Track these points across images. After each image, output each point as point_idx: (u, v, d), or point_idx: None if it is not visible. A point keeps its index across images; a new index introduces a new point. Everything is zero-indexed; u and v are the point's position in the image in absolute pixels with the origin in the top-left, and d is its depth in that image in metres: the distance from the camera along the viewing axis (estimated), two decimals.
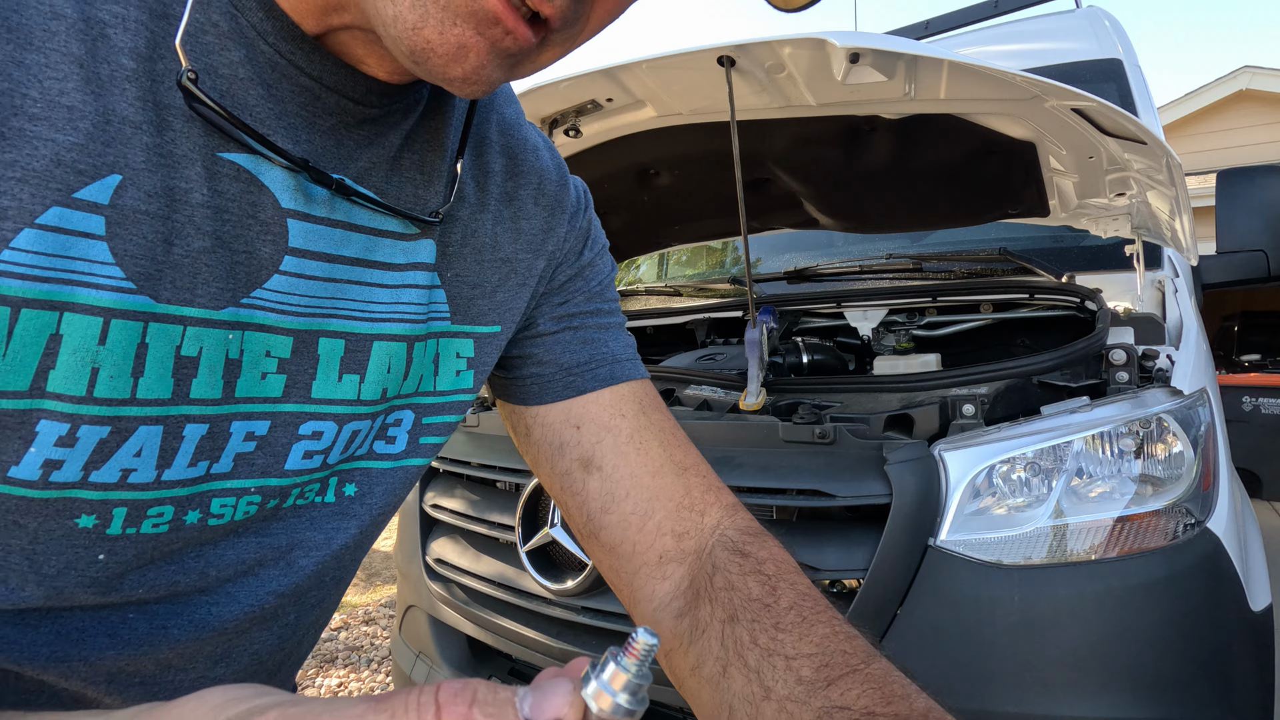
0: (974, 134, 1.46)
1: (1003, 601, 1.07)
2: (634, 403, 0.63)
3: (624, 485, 0.61)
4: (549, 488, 0.64)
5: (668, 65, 1.35)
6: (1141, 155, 1.34)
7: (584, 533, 0.64)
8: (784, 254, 2.46)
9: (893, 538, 1.11)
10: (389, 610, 4.11)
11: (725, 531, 0.59)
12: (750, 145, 1.57)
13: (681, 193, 1.91)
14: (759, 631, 0.50)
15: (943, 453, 1.16)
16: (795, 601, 0.52)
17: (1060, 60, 2.27)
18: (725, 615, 0.53)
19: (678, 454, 0.64)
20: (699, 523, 0.60)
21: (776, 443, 1.28)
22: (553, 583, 1.40)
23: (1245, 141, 8.24)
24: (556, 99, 1.49)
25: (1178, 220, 1.44)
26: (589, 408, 0.62)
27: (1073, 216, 1.69)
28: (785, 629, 0.50)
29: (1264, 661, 1.14)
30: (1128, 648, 1.04)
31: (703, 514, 0.61)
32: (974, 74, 1.25)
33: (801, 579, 0.54)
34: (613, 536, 0.61)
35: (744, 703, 0.49)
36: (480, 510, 1.64)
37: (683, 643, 0.56)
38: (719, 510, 0.61)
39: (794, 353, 1.79)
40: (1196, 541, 1.10)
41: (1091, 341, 1.30)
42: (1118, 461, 1.13)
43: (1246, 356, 6.85)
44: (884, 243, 2.22)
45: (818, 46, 1.20)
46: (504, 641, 1.53)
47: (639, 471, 0.61)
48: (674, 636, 0.57)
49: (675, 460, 0.63)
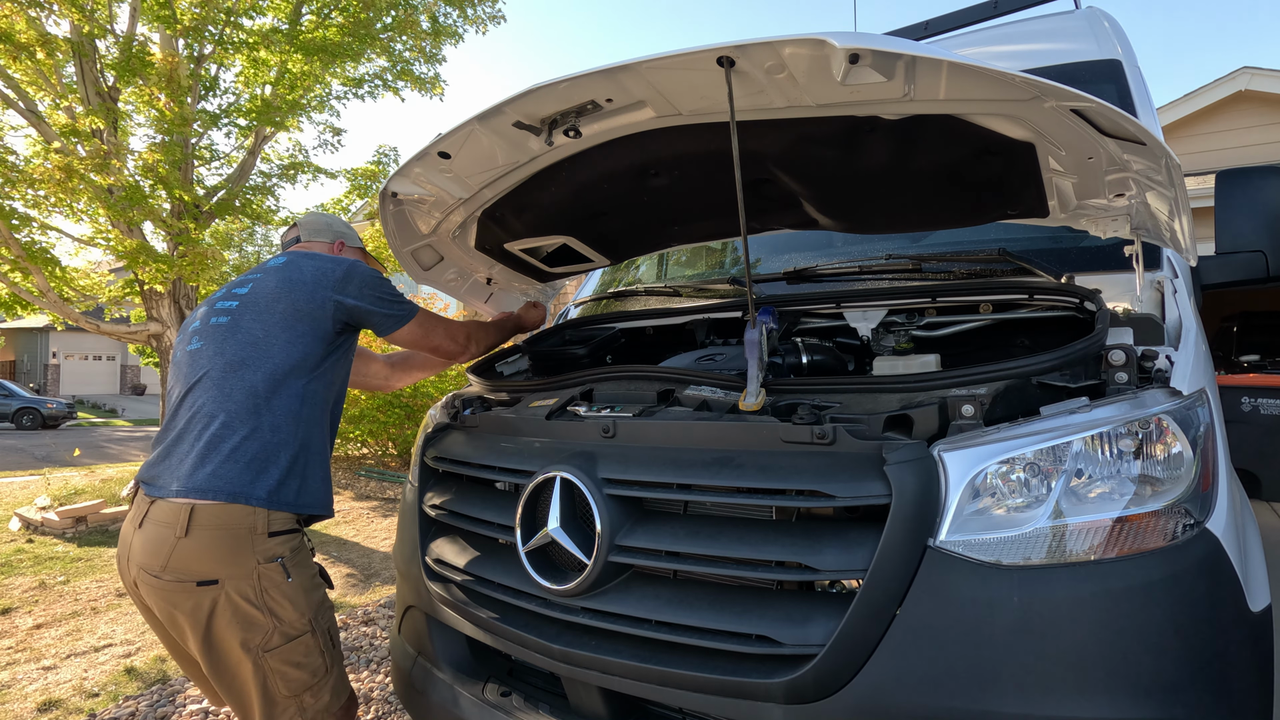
0: (973, 135, 1.46)
1: (1002, 602, 1.07)
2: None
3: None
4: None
5: (667, 66, 1.35)
6: (1140, 156, 1.34)
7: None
8: (784, 254, 2.46)
9: (892, 538, 1.11)
10: (388, 611, 4.11)
11: None
12: (750, 145, 1.57)
13: (681, 193, 1.90)
14: None
15: (942, 453, 1.16)
16: None
17: (1059, 61, 2.27)
18: None
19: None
20: None
21: (776, 443, 1.28)
22: (552, 583, 1.40)
23: (1244, 142, 8.24)
24: (556, 99, 1.49)
25: (1177, 221, 1.44)
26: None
27: (1072, 217, 1.69)
28: None
29: (1263, 662, 1.14)
30: (1127, 648, 1.04)
31: None
32: (973, 74, 1.25)
33: None
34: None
35: None
36: (480, 511, 1.64)
37: None
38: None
39: (793, 353, 1.78)
40: (1196, 542, 1.10)
41: (1091, 342, 1.30)
42: (1117, 462, 1.13)
43: (1246, 357, 6.86)
44: (884, 243, 2.22)
45: (817, 47, 1.20)
46: (503, 642, 1.52)
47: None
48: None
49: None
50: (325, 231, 2.02)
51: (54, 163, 7.17)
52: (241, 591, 1.51)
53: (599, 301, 2.74)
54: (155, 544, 1.51)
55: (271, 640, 1.53)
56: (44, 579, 4.80)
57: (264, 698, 1.54)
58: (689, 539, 1.28)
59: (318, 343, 1.67)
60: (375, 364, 2.27)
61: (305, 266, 1.73)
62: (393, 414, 8.50)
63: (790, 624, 1.17)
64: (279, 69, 8.88)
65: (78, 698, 3.06)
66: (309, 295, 1.67)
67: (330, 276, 1.71)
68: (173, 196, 8.38)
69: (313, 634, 1.60)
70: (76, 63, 8.15)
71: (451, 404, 2.00)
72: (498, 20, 10.32)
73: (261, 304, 1.67)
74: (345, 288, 1.71)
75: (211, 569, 1.50)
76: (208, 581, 1.49)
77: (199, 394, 1.61)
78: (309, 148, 16.84)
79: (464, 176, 1.83)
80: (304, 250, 1.92)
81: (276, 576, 1.55)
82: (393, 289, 1.83)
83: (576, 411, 1.60)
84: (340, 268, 1.73)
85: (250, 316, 1.65)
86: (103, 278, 10.01)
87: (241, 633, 1.51)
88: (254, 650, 1.52)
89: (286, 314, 1.65)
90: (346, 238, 2.05)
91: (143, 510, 1.58)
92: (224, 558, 1.50)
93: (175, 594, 1.51)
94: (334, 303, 1.69)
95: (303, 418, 1.63)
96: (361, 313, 1.74)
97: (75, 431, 19.49)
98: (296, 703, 1.57)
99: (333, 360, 1.72)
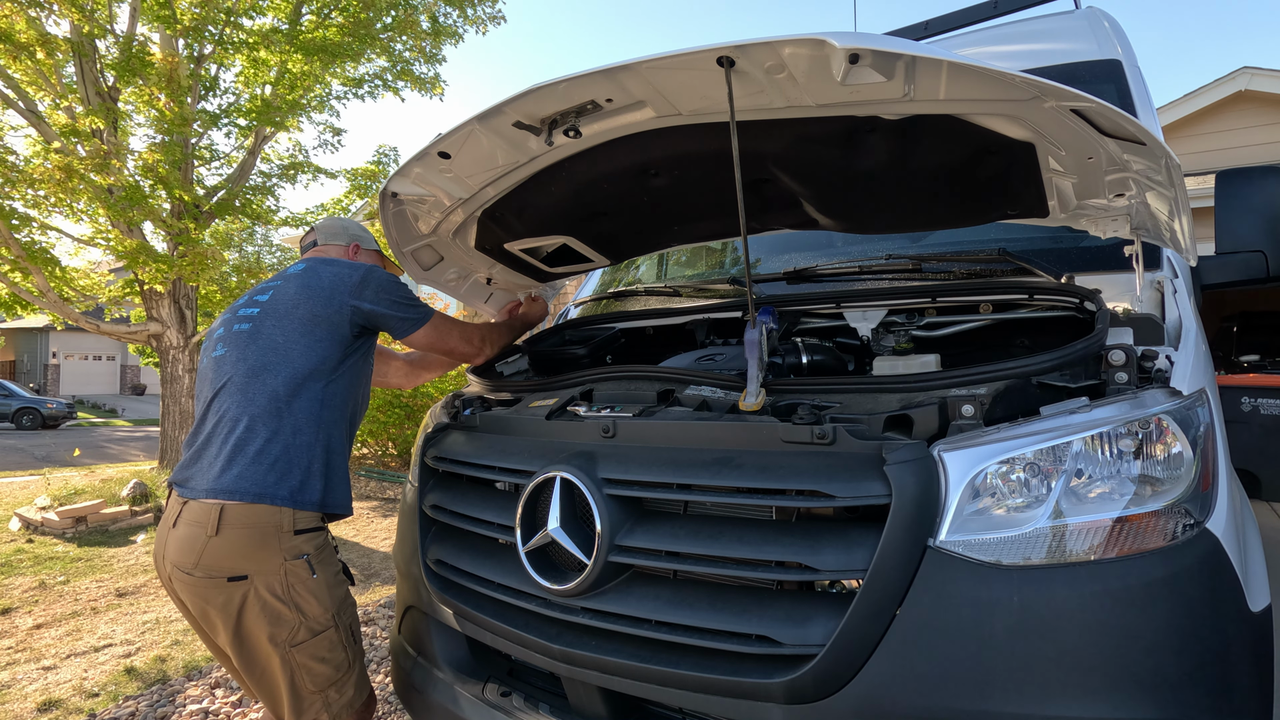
0: (973, 135, 1.46)
1: (1002, 602, 1.07)
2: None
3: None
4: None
5: (667, 66, 1.35)
6: (1140, 156, 1.34)
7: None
8: (784, 254, 2.46)
9: (892, 538, 1.11)
10: (388, 611, 4.11)
11: None
12: (750, 145, 1.57)
13: (681, 193, 1.90)
14: None
15: (942, 453, 1.16)
16: None
17: (1059, 61, 2.27)
18: None
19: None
20: None
21: (776, 443, 1.28)
22: (552, 583, 1.40)
23: (1244, 142, 8.24)
24: (556, 99, 1.49)
25: (1177, 221, 1.44)
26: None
27: (1072, 217, 1.69)
28: None
29: (1263, 662, 1.14)
30: (1127, 648, 1.04)
31: None
32: (973, 74, 1.25)
33: None
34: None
35: None
36: (480, 511, 1.64)
37: None
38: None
39: (793, 353, 1.78)
40: (1195, 542, 1.10)
41: (1091, 342, 1.30)
42: (1117, 462, 1.13)
43: (1246, 357, 6.86)
44: (884, 243, 2.22)
45: (817, 47, 1.20)
46: (503, 642, 1.52)
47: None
48: None
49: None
50: (341, 235, 2.09)
51: (54, 163, 7.17)
52: (270, 587, 1.57)
53: (599, 301, 2.74)
54: (188, 543, 1.58)
55: (298, 635, 1.59)
56: (44, 579, 4.80)
57: (292, 692, 1.61)
58: (689, 539, 1.28)
59: (336, 346, 1.72)
60: (395, 362, 2.33)
61: (324, 273, 1.78)
62: (393, 414, 8.51)
63: (790, 624, 1.17)
64: (279, 69, 8.88)
65: (78, 698, 3.06)
66: (327, 301, 1.72)
67: (347, 282, 1.76)
68: (173, 196, 8.38)
69: (336, 629, 1.66)
70: (76, 63, 8.15)
71: (451, 404, 2.01)
72: (498, 20, 10.32)
73: (282, 310, 1.72)
74: (362, 293, 1.76)
75: (241, 565, 1.56)
76: (238, 577, 1.56)
77: (224, 399, 1.67)
78: (309, 148, 16.85)
79: (464, 176, 1.83)
80: (322, 255, 1.98)
81: (302, 573, 1.61)
82: (409, 293, 1.86)
83: (576, 411, 1.61)
84: (357, 273, 1.78)
85: (271, 323, 1.71)
86: (103, 278, 10.01)
87: (269, 627, 1.57)
88: (281, 645, 1.58)
89: (305, 320, 1.70)
90: (362, 240, 2.12)
91: (176, 511, 1.65)
92: (252, 554, 1.56)
93: (207, 589, 1.57)
94: (351, 308, 1.74)
95: (323, 420, 1.69)
96: (378, 316, 1.79)
97: (75, 431, 19.50)
98: (322, 698, 1.63)
99: (351, 363, 1.77)
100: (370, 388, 1.92)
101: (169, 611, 4.15)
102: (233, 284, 9.53)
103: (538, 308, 2.45)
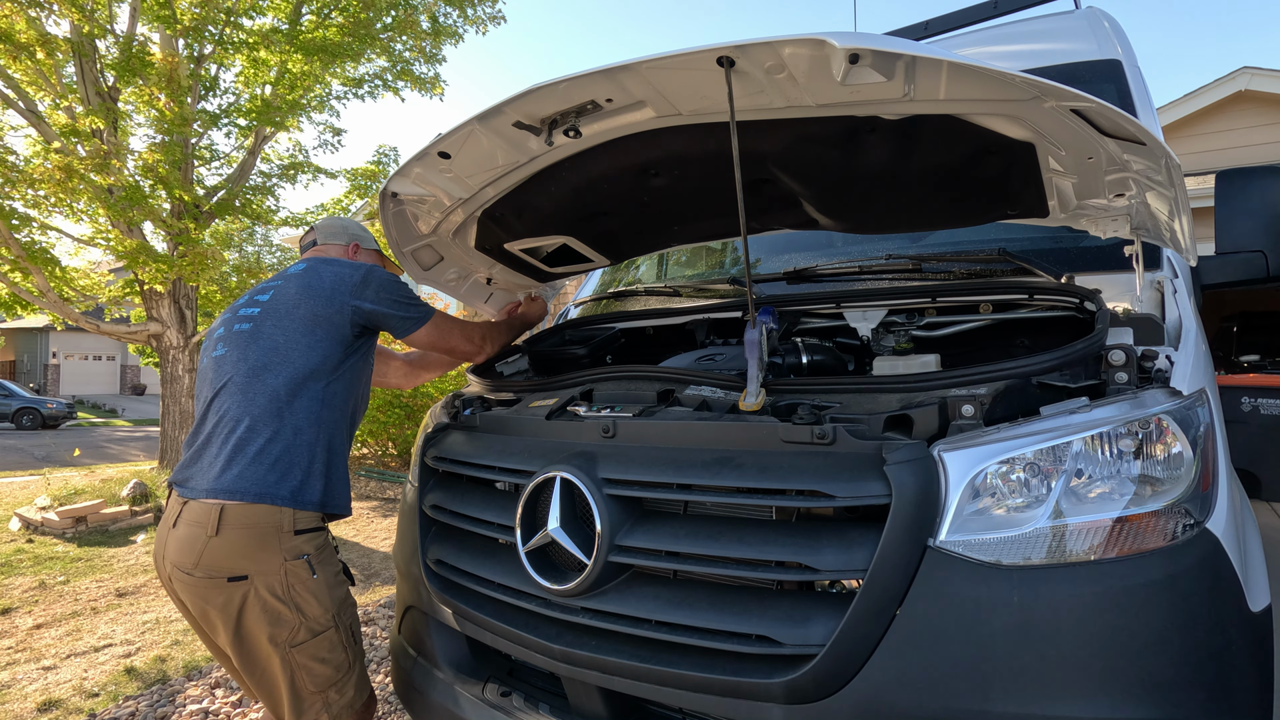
0: (973, 135, 1.46)
1: (1002, 602, 1.07)
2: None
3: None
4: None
5: (667, 66, 1.35)
6: (1140, 156, 1.34)
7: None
8: (784, 254, 2.46)
9: (892, 538, 1.11)
10: (388, 611, 4.11)
11: None
12: (750, 145, 1.57)
13: (681, 193, 1.90)
14: None
15: (942, 453, 1.16)
16: None
17: (1059, 61, 2.27)
18: None
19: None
20: None
21: (776, 443, 1.28)
22: (552, 583, 1.40)
23: (1244, 142, 8.24)
24: (556, 99, 1.49)
25: (1177, 221, 1.44)
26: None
27: (1072, 217, 1.69)
28: None
29: (1263, 662, 1.14)
30: (1127, 648, 1.04)
31: None
32: (973, 74, 1.25)
33: None
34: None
35: None
36: (480, 511, 1.64)
37: None
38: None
39: (793, 353, 1.78)
40: (1195, 542, 1.10)
41: (1091, 342, 1.30)
42: (1117, 462, 1.13)
43: (1246, 357, 6.86)
44: (884, 243, 2.22)
45: (817, 47, 1.20)
46: (503, 642, 1.52)
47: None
48: None
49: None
50: (341, 234, 2.09)
51: (54, 163, 7.17)
52: (270, 587, 1.57)
53: (599, 301, 2.74)
54: (188, 543, 1.57)
55: (298, 635, 1.59)
56: (44, 579, 4.80)
57: (292, 693, 1.60)
58: (689, 539, 1.28)
59: (336, 346, 1.72)
60: (395, 362, 2.33)
61: (324, 273, 1.78)
62: (393, 414, 8.51)
63: (790, 624, 1.17)
64: (279, 69, 8.87)
65: (78, 698, 3.06)
66: (328, 301, 1.72)
67: (348, 282, 1.76)
68: (173, 196, 8.37)
69: (336, 629, 1.65)
70: (76, 63, 8.14)
71: (451, 404, 2.01)
72: (498, 20, 10.32)
73: (282, 310, 1.72)
74: (363, 292, 1.75)
75: (241, 565, 1.56)
76: (238, 577, 1.56)
77: (224, 399, 1.66)
78: (309, 148, 16.83)
79: (464, 176, 1.83)
80: (321, 255, 1.98)
81: (303, 573, 1.60)
82: (409, 292, 1.86)
83: (576, 411, 1.61)
84: (358, 273, 1.78)
85: (271, 323, 1.71)
86: (103, 278, 10.01)
87: (269, 627, 1.57)
88: (281, 645, 1.58)
89: (306, 320, 1.70)
90: (362, 240, 2.12)
91: (176, 511, 1.65)
92: (253, 555, 1.56)
93: (207, 589, 1.57)
94: (352, 308, 1.74)
95: (324, 420, 1.68)
96: (379, 316, 1.78)
97: (75, 431, 19.50)
98: (322, 698, 1.63)
99: (352, 362, 1.77)
100: (370, 388, 1.92)
101: (169, 611, 4.15)
102: (233, 284, 9.54)
103: (537, 307, 2.45)
